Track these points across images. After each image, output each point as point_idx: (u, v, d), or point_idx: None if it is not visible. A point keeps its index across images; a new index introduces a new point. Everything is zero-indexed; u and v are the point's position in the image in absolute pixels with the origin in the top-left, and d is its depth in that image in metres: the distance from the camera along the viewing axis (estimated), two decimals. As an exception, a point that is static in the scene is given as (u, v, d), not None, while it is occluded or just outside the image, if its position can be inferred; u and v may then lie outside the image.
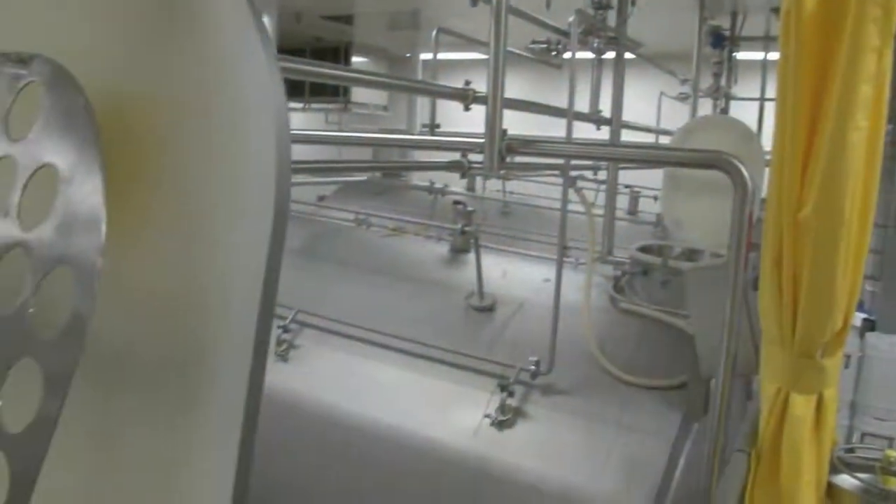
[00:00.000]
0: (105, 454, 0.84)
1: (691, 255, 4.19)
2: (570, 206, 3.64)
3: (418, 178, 8.77)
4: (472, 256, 4.23)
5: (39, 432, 0.66)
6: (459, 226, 4.47)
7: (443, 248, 4.75)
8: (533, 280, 4.24)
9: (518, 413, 3.38)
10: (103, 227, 0.69)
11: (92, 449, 0.84)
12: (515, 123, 2.78)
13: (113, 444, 0.83)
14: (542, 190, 8.06)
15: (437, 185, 7.21)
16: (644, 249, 4.20)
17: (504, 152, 2.73)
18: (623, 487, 3.07)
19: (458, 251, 4.60)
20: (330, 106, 11.95)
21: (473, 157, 3.70)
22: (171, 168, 0.78)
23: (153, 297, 0.79)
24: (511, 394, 3.37)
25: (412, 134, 8.51)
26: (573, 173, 4.58)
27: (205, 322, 0.75)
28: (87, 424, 0.80)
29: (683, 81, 8.59)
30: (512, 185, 8.24)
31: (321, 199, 7.30)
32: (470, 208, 4.64)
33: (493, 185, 8.29)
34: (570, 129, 3.56)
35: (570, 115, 3.63)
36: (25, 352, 0.69)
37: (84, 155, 0.72)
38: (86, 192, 0.71)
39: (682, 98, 8.73)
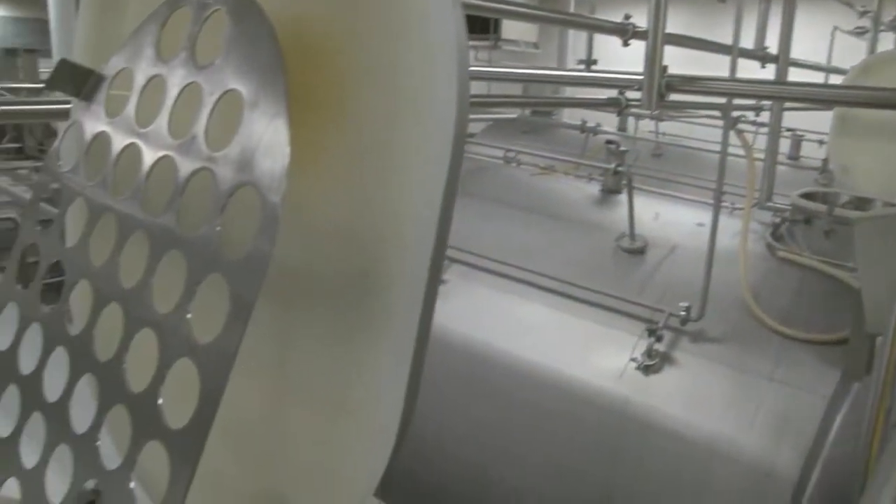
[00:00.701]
0: (282, 369, 0.88)
1: (860, 203, 3.94)
2: (729, 149, 3.48)
3: (568, 117, 8.63)
4: (623, 197, 4.14)
5: (227, 344, 0.69)
6: (612, 166, 4.37)
7: (593, 189, 4.67)
8: (686, 223, 4.11)
9: (665, 358, 3.32)
10: (287, 151, 0.70)
11: (271, 364, 0.88)
12: (670, 62, 2.67)
13: (290, 360, 0.87)
14: (695, 131, 7.75)
15: (589, 124, 7.06)
16: (807, 196, 3.97)
17: (663, 90, 2.64)
18: (772, 443, 2.97)
19: (609, 192, 4.50)
20: (479, 43, 11.85)
21: (631, 94, 3.58)
22: (351, 98, 0.78)
23: (333, 223, 0.80)
24: (659, 338, 3.32)
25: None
26: (733, 114, 4.36)
27: (383, 250, 0.76)
28: (266, 340, 0.84)
29: (862, 14, 7.92)
30: (664, 126, 7.96)
31: (470, 136, 7.32)
32: (623, 148, 4.52)
33: (646, 125, 8.04)
34: (734, 66, 3.37)
35: (734, 51, 3.44)
36: (213, 269, 0.73)
37: (268, 81, 0.74)
38: (269, 117, 0.73)
39: (859, 33, 8.06)
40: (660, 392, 3.24)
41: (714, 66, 4.07)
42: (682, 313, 3.33)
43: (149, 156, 0.86)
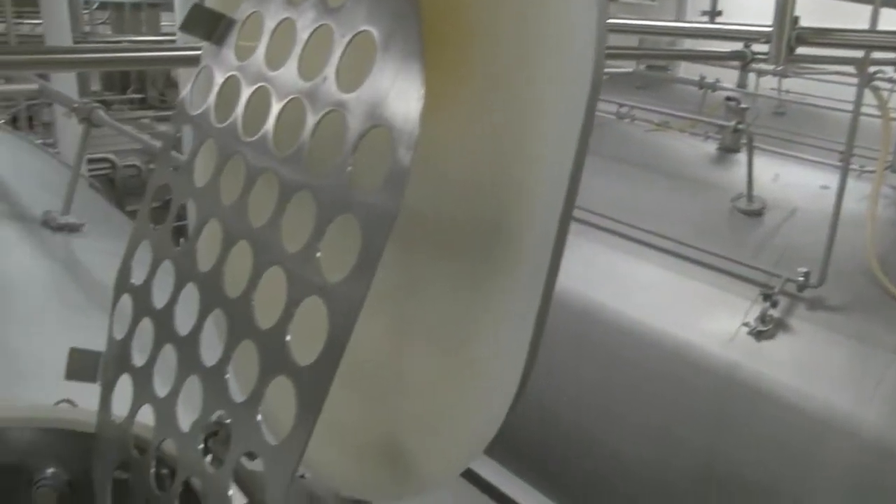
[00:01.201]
0: (407, 316, 0.88)
1: None
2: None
3: (684, 72, 8.33)
4: (741, 157, 3.99)
5: (356, 283, 0.70)
6: (731, 123, 4.21)
7: (710, 147, 4.51)
8: (808, 185, 3.93)
9: (780, 325, 3.20)
10: (421, 93, 0.69)
11: (396, 311, 0.88)
12: (802, 13, 2.52)
13: (415, 307, 0.87)
14: (820, 88, 7.35)
15: (707, 80, 6.79)
16: (948, 160, 3.73)
17: (794, 42, 2.50)
18: (894, 420, 2.84)
19: (726, 150, 4.35)
20: (594, -5, 11.52)
21: (756, 48, 3.41)
22: (485, 43, 0.76)
23: (464, 169, 0.79)
24: (774, 304, 3.20)
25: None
26: (869, 69, 4.10)
27: (515, 198, 0.74)
28: (391, 285, 0.84)
29: None
30: (787, 83, 7.58)
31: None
32: (743, 105, 4.34)
33: (766, 82, 7.66)
34: (875, 15, 3.15)
35: None
36: (344, 210, 0.73)
37: (401, 22, 0.73)
38: (402, 59, 0.72)
39: None
40: (772, 359, 3.14)
41: (850, 18, 3.82)
42: (801, 279, 3.20)
43: (278, 98, 0.86)
